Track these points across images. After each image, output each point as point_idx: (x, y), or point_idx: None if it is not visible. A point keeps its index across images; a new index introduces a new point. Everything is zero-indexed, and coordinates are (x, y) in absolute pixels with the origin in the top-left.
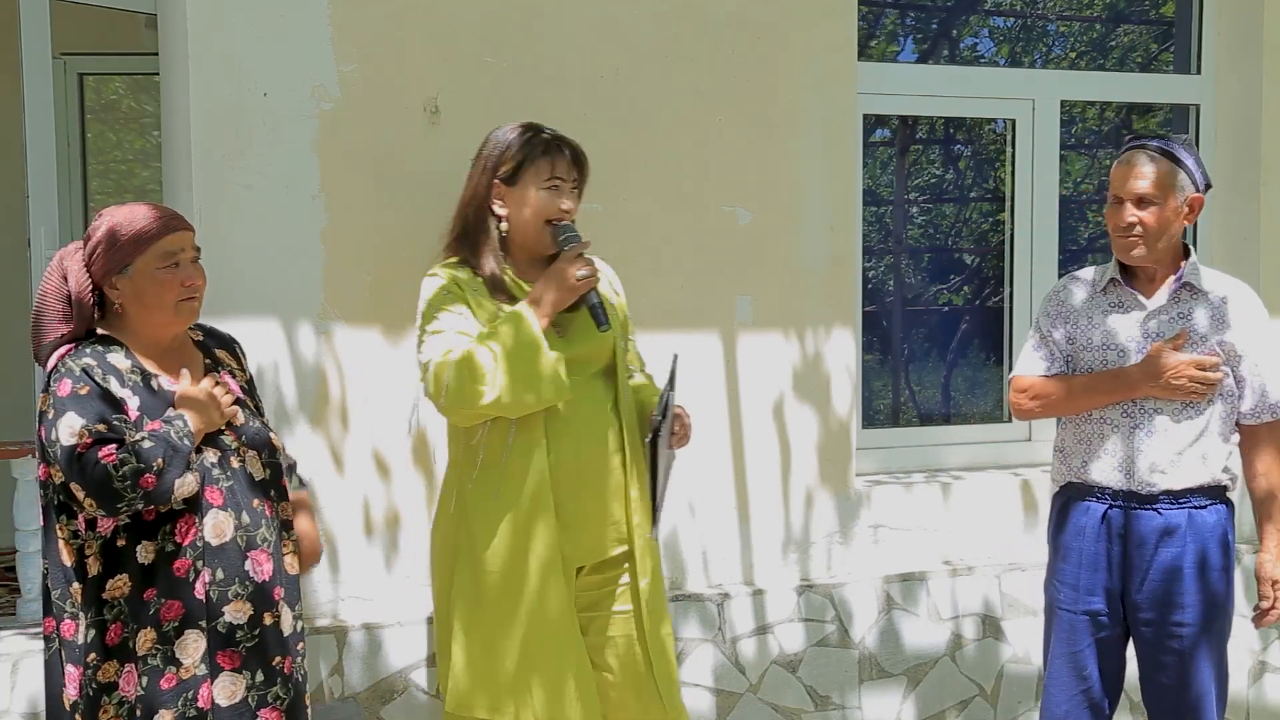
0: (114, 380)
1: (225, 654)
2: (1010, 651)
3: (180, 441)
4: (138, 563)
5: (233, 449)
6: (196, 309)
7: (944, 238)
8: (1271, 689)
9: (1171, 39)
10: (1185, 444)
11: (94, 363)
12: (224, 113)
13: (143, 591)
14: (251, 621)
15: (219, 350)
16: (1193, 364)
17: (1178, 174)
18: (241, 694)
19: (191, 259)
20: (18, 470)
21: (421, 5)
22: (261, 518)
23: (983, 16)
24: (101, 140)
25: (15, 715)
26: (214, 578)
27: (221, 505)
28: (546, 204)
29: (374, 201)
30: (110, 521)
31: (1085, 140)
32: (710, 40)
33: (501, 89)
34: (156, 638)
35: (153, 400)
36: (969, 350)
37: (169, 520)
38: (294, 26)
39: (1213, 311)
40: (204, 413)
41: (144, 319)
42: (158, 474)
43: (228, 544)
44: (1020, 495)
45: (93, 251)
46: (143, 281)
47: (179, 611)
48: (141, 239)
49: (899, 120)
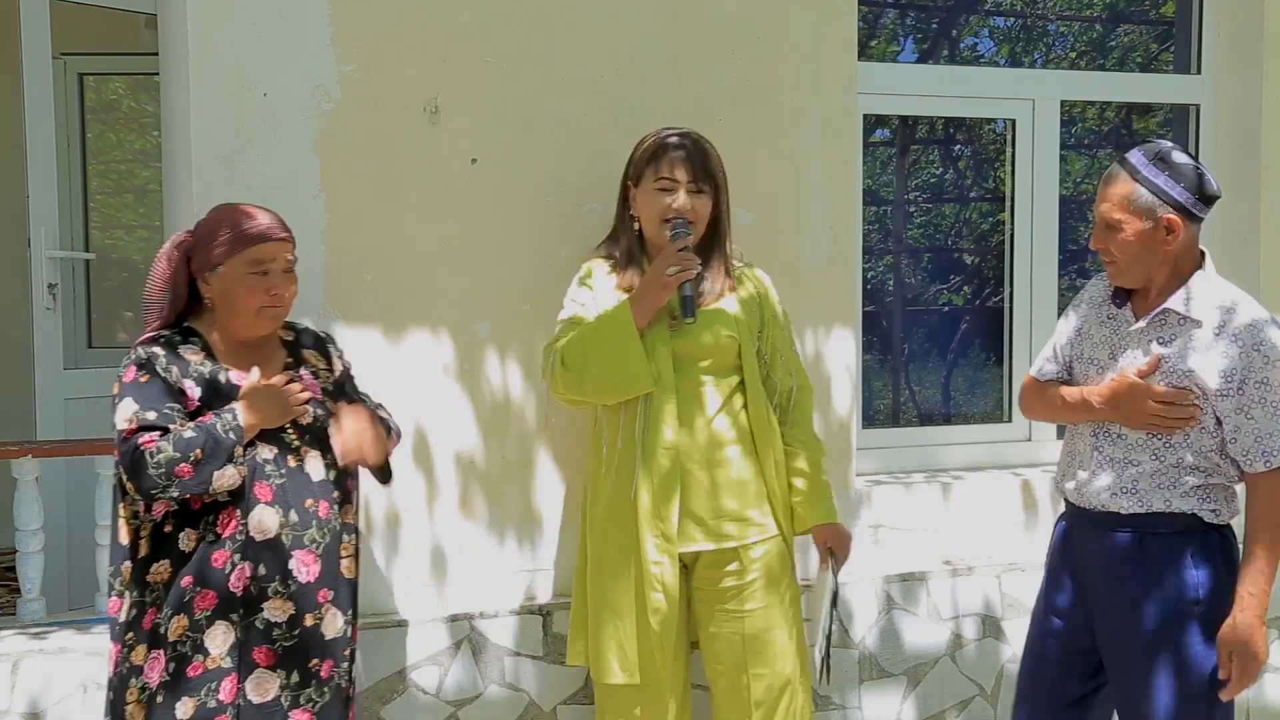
0: (176, 370)
1: (261, 650)
2: (1010, 651)
3: (225, 435)
4: (179, 549)
5: (293, 447)
6: (279, 317)
7: (944, 238)
8: (1271, 689)
9: (1171, 39)
10: (1149, 471)
11: (161, 352)
12: (224, 113)
13: (180, 578)
14: (291, 621)
15: (307, 349)
16: (1155, 396)
17: (1145, 195)
18: (274, 692)
19: (283, 269)
20: (18, 470)
21: (421, 5)
22: (313, 518)
23: (983, 16)
24: (101, 140)
25: (15, 715)
26: (255, 573)
27: (269, 501)
28: (660, 204)
29: (374, 201)
30: (161, 506)
31: (1085, 140)
32: (710, 40)
33: (501, 89)
34: (188, 625)
35: (216, 393)
36: (969, 350)
37: (212, 511)
38: (294, 26)
39: (1198, 342)
40: (265, 409)
41: (227, 318)
42: (195, 464)
43: (272, 541)
44: (1020, 495)
45: (193, 245)
46: (231, 283)
47: (212, 601)
48: (235, 242)
49: (899, 120)
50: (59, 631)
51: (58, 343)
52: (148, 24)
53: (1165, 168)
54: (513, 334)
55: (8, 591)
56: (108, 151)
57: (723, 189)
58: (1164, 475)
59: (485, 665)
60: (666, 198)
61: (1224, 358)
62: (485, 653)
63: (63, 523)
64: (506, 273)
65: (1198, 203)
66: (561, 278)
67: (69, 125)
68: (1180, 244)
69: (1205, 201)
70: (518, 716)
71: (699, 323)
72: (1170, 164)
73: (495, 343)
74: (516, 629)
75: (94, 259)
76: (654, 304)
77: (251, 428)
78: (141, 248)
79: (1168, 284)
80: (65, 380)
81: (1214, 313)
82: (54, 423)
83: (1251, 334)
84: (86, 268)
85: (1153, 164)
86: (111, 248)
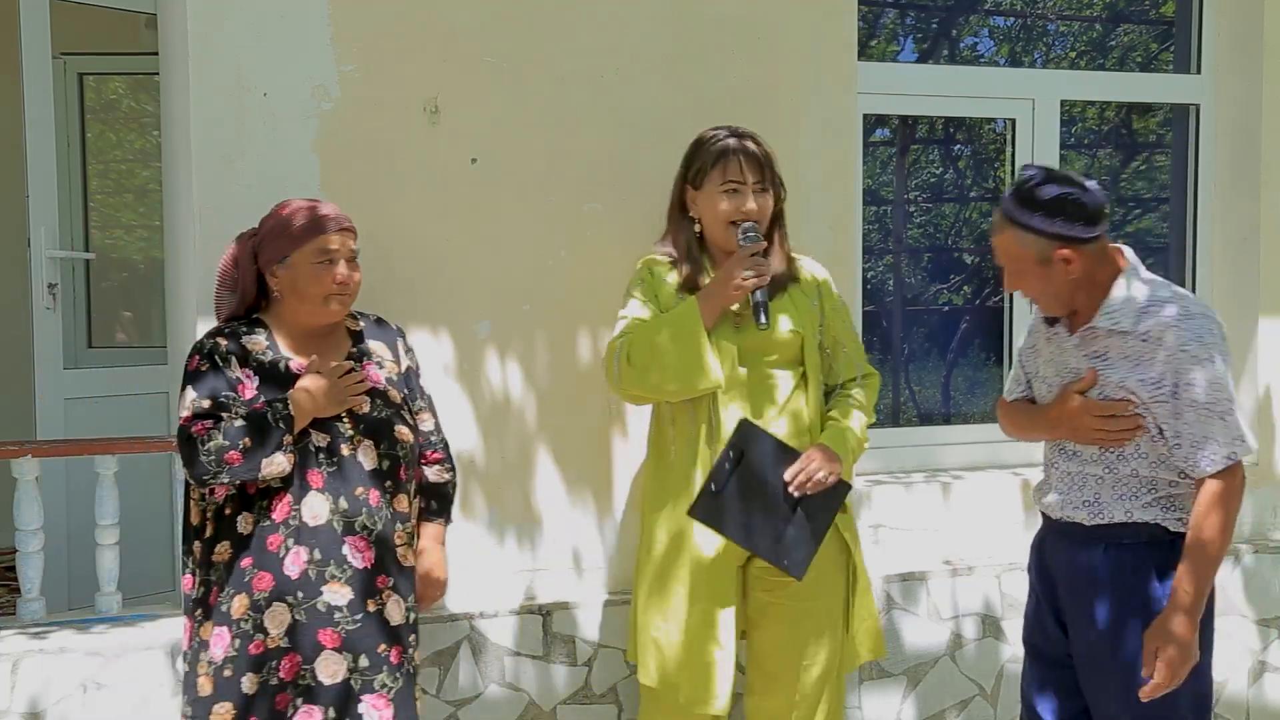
0: (236, 360)
1: (325, 633)
2: (1010, 651)
3: (275, 424)
4: (238, 532)
5: (347, 436)
6: (346, 304)
7: (944, 238)
8: (1271, 689)
9: (1171, 39)
10: (1109, 483)
11: (223, 343)
12: (224, 113)
13: (240, 559)
14: (352, 606)
15: (374, 341)
16: (1093, 411)
17: (1029, 239)
18: (343, 675)
19: (348, 258)
20: (18, 470)
21: (421, 5)
22: (364, 506)
23: (983, 16)
24: (101, 140)
25: (15, 715)
26: (311, 557)
27: (320, 488)
28: (727, 207)
29: (374, 201)
30: (222, 490)
31: (1085, 140)
32: (710, 40)
33: (501, 89)
34: (249, 605)
35: (276, 382)
36: (969, 350)
37: (267, 496)
38: (294, 26)
39: (1127, 352)
40: (319, 398)
41: (295, 308)
42: (244, 452)
43: (323, 526)
44: (1020, 495)
45: (260, 240)
46: (299, 273)
47: (269, 583)
48: (302, 233)
49: (899, 120)
50: (59, 631)
51: (58, 343)
52: (148, 24)
53: (1036, 208)
54: (513, 334)
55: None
56: (108, 151)
57: (781, 184)
58: (1123, 486)
59: (485, 665)
60: (735, 200)
61: (1150, 365)
62: (485, 653)
63: (63, 523)
64: (506, 273)
65: (1084, 228)
66: (561, 278)
67: (69, 125)
68: (1086, 267)
69: (1091, 222)
70: (518, 716)
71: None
72: (1039, 202)
73: (495, 343)
74: (516, 629)
75: (94, 259)
76: (724, 305)
77: (304, 416)
78: (141, 248)
79: (1090, 300)
80: (65, 380)
81: (1136, 319)
82: (54, 423)
83: (1174, 335)
84: (86, 268)
85: (1024, 208)
86: (111, 248)
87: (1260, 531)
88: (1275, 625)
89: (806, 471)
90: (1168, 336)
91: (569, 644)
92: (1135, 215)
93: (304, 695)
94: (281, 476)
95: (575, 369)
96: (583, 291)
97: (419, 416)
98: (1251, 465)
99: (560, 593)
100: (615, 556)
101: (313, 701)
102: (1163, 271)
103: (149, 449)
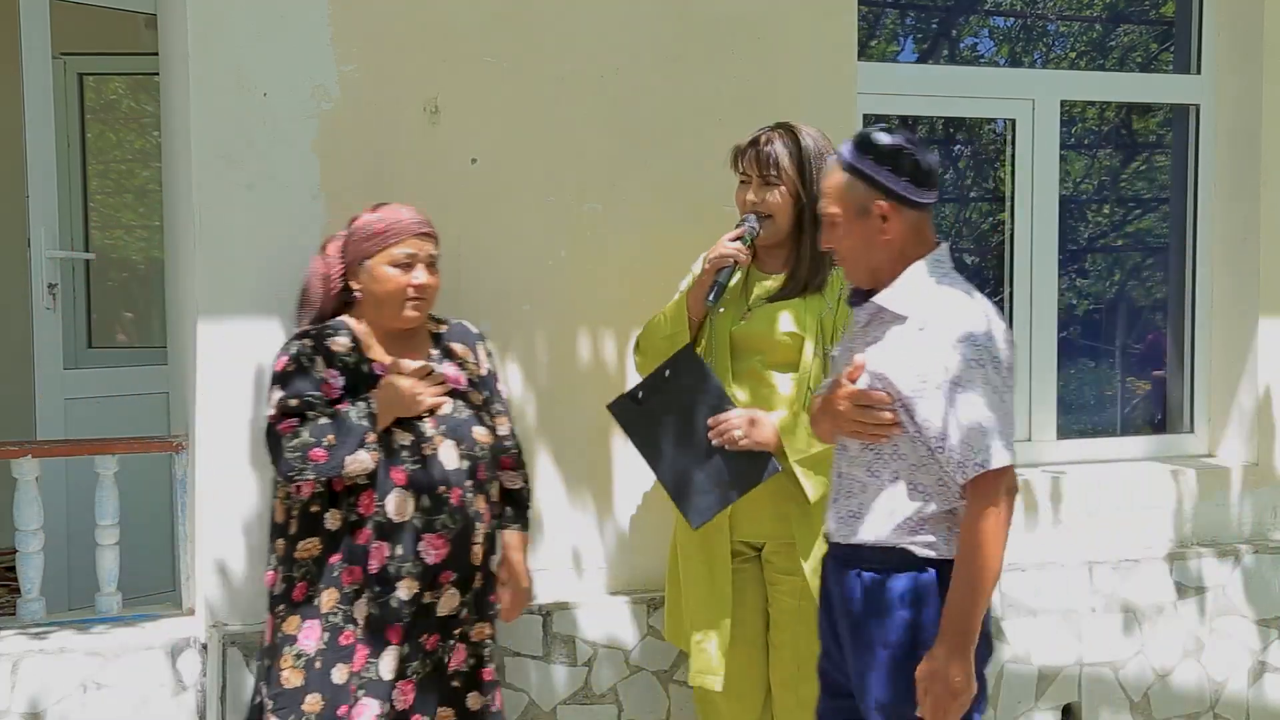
0: (321, 361)
1: (393, 629)
2: (1010, 651)
3: (358, 422)
4: (326, 528)
5: (428, 435)
6: (423, 308)
7: (944, 238)
8: (1271, 689)
9: (1171, 39)
10: (870, 494)
11: (310, 344)
12: (224, 113)
13: (329, 555)
14: (413, 599)
15: (456, 344)
16: (852, 398)
17: (855, 185)
18: (395, 666)
19: (425, 263)
20: (18, 470)
21: (421, 5)
22: (444, 504)
23: (983, 16)
24: (101, 140)
25: (15, 715)
26: (393, 553)
27: (404, 485)
28: (740, 198)
29: (374, 201)
30: (308, 488)
31: (1085, 140)
32: (710, 40)
33: (501, 89)
34: (339, 598)
35: (359, 382)
36: None
37: (353, 493)
38: (294, 26)
39: (900, 340)
40: (400, 399)
41: (375, 310)
42: (328, 449)
43: (406, 524)
44: (1020, 495)
45: (346, 243)
46: (375, 276)
47: (358, 577)
48: (381, 238)
49: (899, 120)
50: (59, 631)
51: (58, 343)
52: (148, 24)
53: (870, 152)
54: (513, 334)
55: (8, 591)
56: (108, 151)
57: (807, 184)
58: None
59: None
60: (743, 192)
61: (922, 357)
62: None
63: (63, 523)
64: (506, 273)
65: (911, 186)
66: (562, 278)
67: (69, 125)
68: (901, 234)
69: (920, 184)
70: (517, 716)
71: (761, 315)
72: (875, 148)
73: (495, 342)
74: (517, 629)
75: (94, 259)
76: (702, 282)
77: (386, 416)
78: (141, 248)
79: (891, 278)
80: (65, 380)
81: (920, 307)
82: (54, 423)
83: (955, 330)
84: (86, 268)
85: (858, 149)
86: (111, 248)
87: (1260, 531)
88: (1275, 625)
89: (727, 423)
90: (947, 331)
91: (569, 644)
92: (1135, 215)
93: (365, 688)
94: (366, 473)
95: (575, 369)
96: (583, 291)
97: (496, 420)
98: (1251, 465)
99: (560, 593)
100: (615, 556)
101: (373, 695)
102: (1163, 271)
103: (149, 449)
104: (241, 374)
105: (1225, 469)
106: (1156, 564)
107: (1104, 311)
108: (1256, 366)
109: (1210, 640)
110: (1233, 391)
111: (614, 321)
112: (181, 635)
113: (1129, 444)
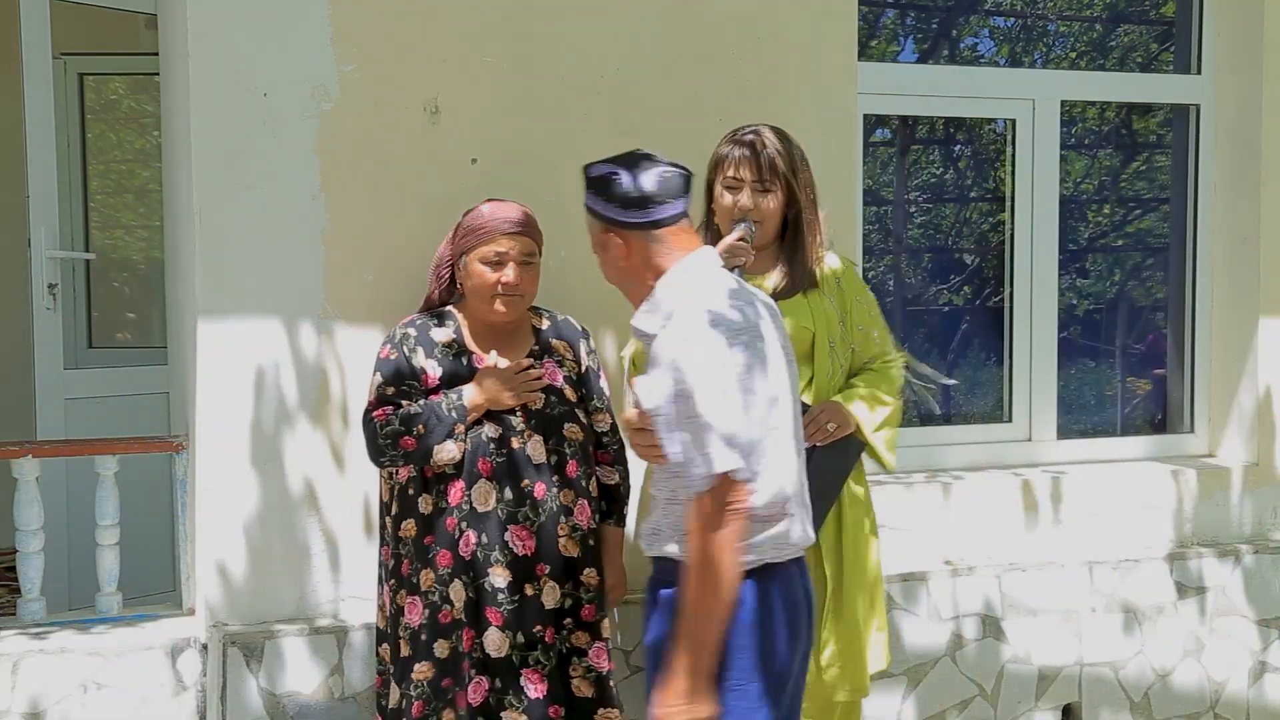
0: (421, 350)
1: (491, 611)
2: (1010, 651)
3: (447, 413)
4: (420, 511)
5: (517, 429)
6: (514, 305)
7: (944, 238)
8: (1271, 689)
9: (1171, 39)
10: (659, 504)
11: (412, 333)
12: (224, 113)
13: (424, 537)
14: (511, 588)
15: (557, 340)
16: (628, 423)
17: (589, 218)
18: (506, 650)
19: (518, 261)
20: (18, 470)
21: (421, 5)
22: (529, 497)
23: (983, 16)
24: (101, 140)
25: (15, 715)
26: (479, 540)
27: (489, 476)
28: (728, 203)
29: (374, 201)
30: (404, 472)
31: (1085, 140)
32: (710, 40)
33: (501, 89)
34: (435, 579)
35: (457, 372)
36: (969, 350)
37: (443, 481)
38: (294, 26)
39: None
40: (495, 391)
41: (472, 302)
42: (417, 438)
43: (490, 513)
44: (1020, 495)
45: (453, 235)
46: (471, 271)
47: (449, 560)
48: (477, 235)
49: (899, 120)
50: (59, 631)
51: (58, 343)
52: (148, 24)
53: (589, 184)
54: None
55: (8, 591)
56: (108, 151)
57: (800, 185)
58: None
59: None
60: (732, 196)
61: (656, 375)
62: None
63: (63, 523)
64: None
65: (622, 210)
66: (562, 278)
67: (69, 125)
68: (640, 255)
69: (628, 206)
70: None
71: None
72: (589, 179)
73: None
74: None
75: (94, 259)
76: None
77: (478, 408)
78: (141, 248)
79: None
80: (65, 380)
81: (660, 323)
82: (54, 423)
83: (677, 343)
84: (86, 268)
85: (585, 184)
86: (111, 248)
87: (1260, 531)
88: (1275, 625)
89: (814, 420)
90: (670, 344)
91: None
92: (1135, 215)
93: (477, 666)
94: (453, 463)
95: None
96: (583, 291)
97: (595, 417)
98: (1251, 465)
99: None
100: None
101: (484, 672)
102: (1163, 271)
103: (149, 449)
104: (241, 374)
105: (1225, 469)
106: (1157, 564)
107: (1104, 311)
108: (1256, 366)
109: (1210, 640)
110: (1233, 391)
111: (614, 322)
112: (181, 635)
113: (1129, 444)
